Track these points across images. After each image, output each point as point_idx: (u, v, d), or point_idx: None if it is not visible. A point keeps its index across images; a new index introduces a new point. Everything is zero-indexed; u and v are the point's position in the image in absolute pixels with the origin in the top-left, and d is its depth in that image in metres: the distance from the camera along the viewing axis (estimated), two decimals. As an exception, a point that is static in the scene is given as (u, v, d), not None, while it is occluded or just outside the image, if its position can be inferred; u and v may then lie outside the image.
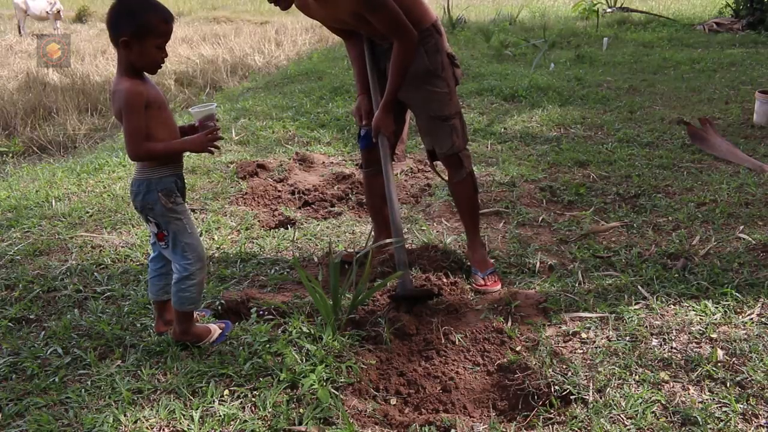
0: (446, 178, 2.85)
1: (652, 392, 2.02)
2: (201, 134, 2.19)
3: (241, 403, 2.01)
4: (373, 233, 3.06)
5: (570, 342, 2.34)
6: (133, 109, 2.02)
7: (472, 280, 2.78)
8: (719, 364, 2.13)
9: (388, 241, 2.78)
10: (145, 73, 2.13)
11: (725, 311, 2.44)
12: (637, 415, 1.92)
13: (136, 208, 2.23)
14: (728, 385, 2.04)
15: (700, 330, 2.33)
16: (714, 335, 2.29)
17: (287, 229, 3.45)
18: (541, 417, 1.97)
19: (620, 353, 2.22)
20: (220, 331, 2.37)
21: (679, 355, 2.20)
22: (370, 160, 2.89)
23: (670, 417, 1.92)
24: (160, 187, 2.15)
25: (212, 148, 2.20)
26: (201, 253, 2.25)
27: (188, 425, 1.91)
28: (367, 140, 2.82)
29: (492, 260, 2.94)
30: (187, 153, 3.57)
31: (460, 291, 2.69)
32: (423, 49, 2.57)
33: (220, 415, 1.94)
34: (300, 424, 1.91)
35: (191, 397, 2.03)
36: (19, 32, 14.34)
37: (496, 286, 2.73)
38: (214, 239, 3.30)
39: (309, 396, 2.01)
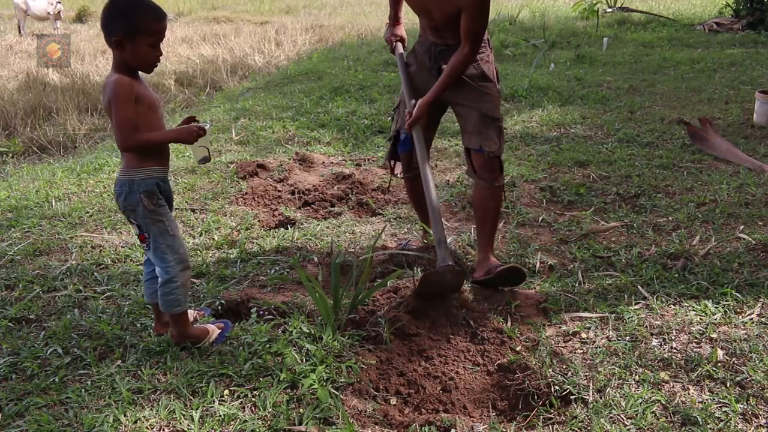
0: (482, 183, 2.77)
1: (652, 392, 2.02)
2: (191, 125, 2.19)
3: (241, 403, 2.01)
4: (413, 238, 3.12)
5: (570, 342, 2.34)
6: (123, 99, 2.01)
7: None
8: (719, 364, 2.13)
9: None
10: (141, 73, 2.12)
11: (725, 311, 2.44)
12: (637, 415, 1.92)
13: (119, 208, 2.22)
14: (728, 385, 2.04)
15: (700, 330, 2.33)
16: (714, 335, 2.29)
17: (287, 229, 3.45)
18: (541, 417, 1.97)
19: (620, 353, 2.22)
20: (219, 330, 2.37)
21: (679, 355, 2.20)
22: (410, 165, 2.96)
23: (670, 417, 1.92)
24: (142, 188, 2.12)
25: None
26: (183, 255, 2.23)
27: (188, 425, 1.91)
28: (407, 145, 2.88)
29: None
30: (187, 154, 3.56)
31: (460, 291, 2.69)
32: (480, 55, 2.69)
33: (220, 415, 1.94)
34: (300, 424, 1.91)
35: (191, 397, 2.03)
36: (19, 32, 14.34)
37: None
38: (214, 239, 3.30)
39: (309, 396, 2.01)
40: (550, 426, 1.94)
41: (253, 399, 2.02)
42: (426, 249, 3.07)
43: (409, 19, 6.29)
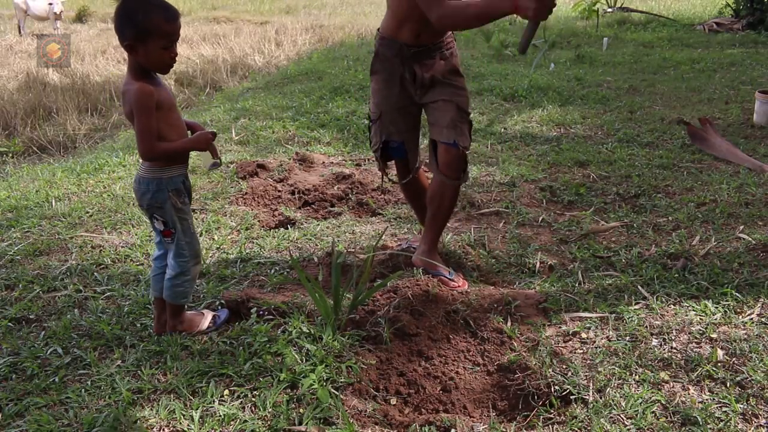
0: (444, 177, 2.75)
1: (652, 392, 2.02)
2: (204, 131, 2.25)
3: (241, 403, 2.01)
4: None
5: (570, 342, 2.34)
6: (145, 108, 2.03)
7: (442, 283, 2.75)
8: (719, 364, 2.13)
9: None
10: (157, 74, 2.14)
11: (725, 311, 2.44)
12: (637, 415, 1.92)
13: (141, 206, 2.25)
14: (728, 385, 2.04)
15: (700, 330, 2.33)
16: (714, 335, 2.28)
17: (287, 229, 3.45)
18: (541, 417, 1.97)
19: (620, 353, 2.22)
20: (212, 315, 2.44)
21: (679, 355, 2.20)
22: (405, 172, 2.93)
23: (670, 417, 1.92)
24: (171, 186, 2.18)
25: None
26: (197, 250, 2.34)
27: (188, 425, 1.91)
28: (401, 152, 2.84)
29: (492, 260, 2.95)
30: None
31: (461, 291, 2.69)
32: (449, 51, 2.68)
33: (220, 415, 1.94)
34: (300, 424, 1.91)
35: (191, 397, 2.03)
36: (19, 32, 14.34)
37: (465, 285, 2.76)
38: (214, 239, 3.30)
39: (309, 396, 2.01)
40: (550, 426, 1.94)
41: (253, 399, 2.02)
42: None
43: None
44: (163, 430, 1.91)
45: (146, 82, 2.07)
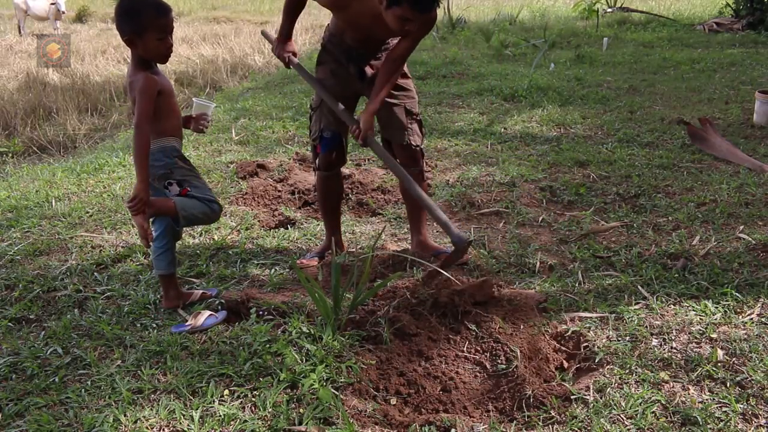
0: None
1: (652, 392, 2.01)
2: (146, 187, 2.28)
3: (241, 403, 2.01)
4: (332, 239, 3.07)
5: (570, 342, 2.33)
6: (147, 95, 2.26)
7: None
8: (719, 364, 2.13)
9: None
10: (157, 65, 2.36)
11: (725, 311, 2.44)
12: (637, 415, 1.92)
13: (154, 177, 2.39)
14: (728, 385, 2.04)
15: (700, 330, 2.33)
16: (714, 335, 2.28)
17: (287, 229, 3.45)
18: (541, 417, 1.96)
19: (620, 353, 2.22)
20: (209, 313, 2.47)
21: (679, 355, 2.20)
22: (331, 164, 2.96)
23: (670, 417, 1.92)
24: (174, 153, 2.41)
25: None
26: (212, 196, 2.49)
27: (188, 425, 1.91)
28: (332, 143, 2.88)
29: (493, 259, 2.95)
30: (187, 154, 3.65)
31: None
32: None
33: (220, 415, 1.94)
34: (300, 424, 1.91)
35: (191, 397, 2.03)
36: (19, 32, 14.34)
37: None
38: (214, 239, 3.30)
39: (309, 396, 2.01)
40: (550, 426, 1.93)
41: (253, 399, 2.02)
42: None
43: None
44: (163, 430, 1.91)
45: (149, 72, 2.29)
